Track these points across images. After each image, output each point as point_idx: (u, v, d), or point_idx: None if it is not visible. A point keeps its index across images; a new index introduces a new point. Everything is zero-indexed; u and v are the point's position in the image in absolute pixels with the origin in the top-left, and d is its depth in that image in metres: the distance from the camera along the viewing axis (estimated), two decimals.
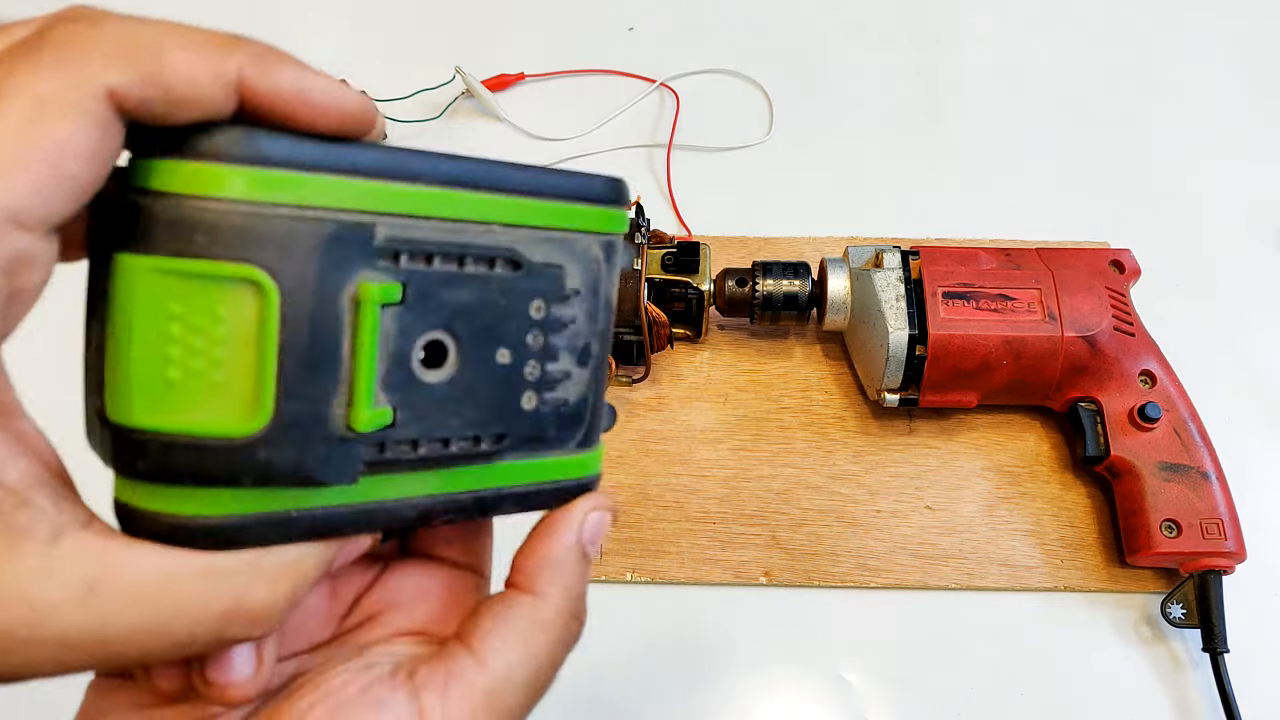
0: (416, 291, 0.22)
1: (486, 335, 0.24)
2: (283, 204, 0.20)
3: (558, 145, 0.71)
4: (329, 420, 0.21)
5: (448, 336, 0.23)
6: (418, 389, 0.22)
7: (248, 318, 0.20)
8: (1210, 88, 0.75)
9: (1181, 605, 0.51)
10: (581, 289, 0.26)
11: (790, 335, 0.62)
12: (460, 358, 0.23)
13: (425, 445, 0.23)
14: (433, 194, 0.23)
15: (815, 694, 0.51)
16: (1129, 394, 0.54)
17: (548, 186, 0.25)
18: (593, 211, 0.26)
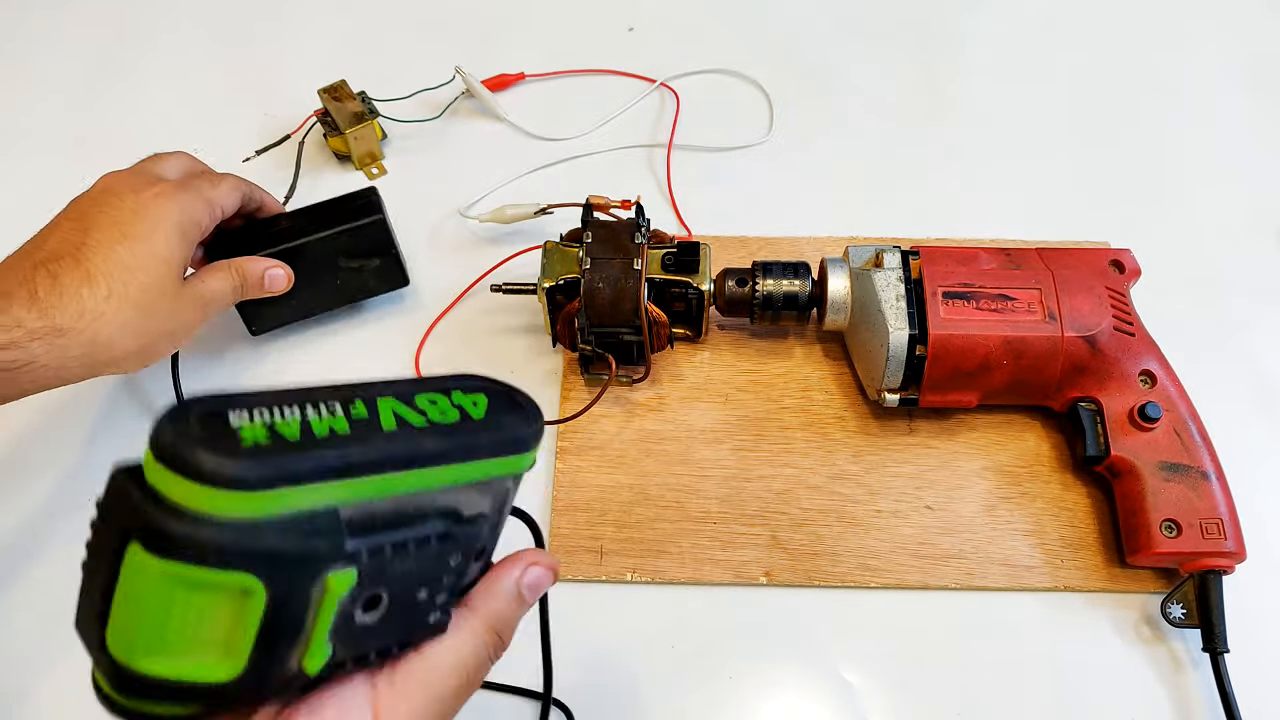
0: (369, 572, 0.27)
1: (413, 584, 0.29)
2: (276, 515, 0.24)
3: (558, 145, 0.71)
4: (286, 666, 0.26)
5: (384, 591, 0.28)
6: (353, 628, 0.28)
7: (238, 608, 0.24)
8: (1210, 88, 0.75)
9: (1181, 605, 0.51)
10: (490, 513, 0.31)
11: (790, 335, 0.62)
12: (388, 602, 0.28)
13: (350, 663, 0.29)
14: (387, 480, 0.27)
15: (815, 694, 0.51)
16: (1129, 394, 0.54)
17: (486, 447, 0.30)
18: (517, 459, 0.31)
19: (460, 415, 0.29)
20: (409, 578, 0.28)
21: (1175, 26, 0.78)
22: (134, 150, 0.71)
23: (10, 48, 0.77)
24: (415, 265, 0.64)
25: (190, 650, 0.25)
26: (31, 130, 0.73)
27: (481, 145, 0.71)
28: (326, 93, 0.68)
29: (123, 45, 0.77)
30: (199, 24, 0.79)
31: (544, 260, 0.56)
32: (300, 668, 0.27)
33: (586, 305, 0.54)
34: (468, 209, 0.66)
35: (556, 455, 0.57)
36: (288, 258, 0.56)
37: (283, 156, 0.69)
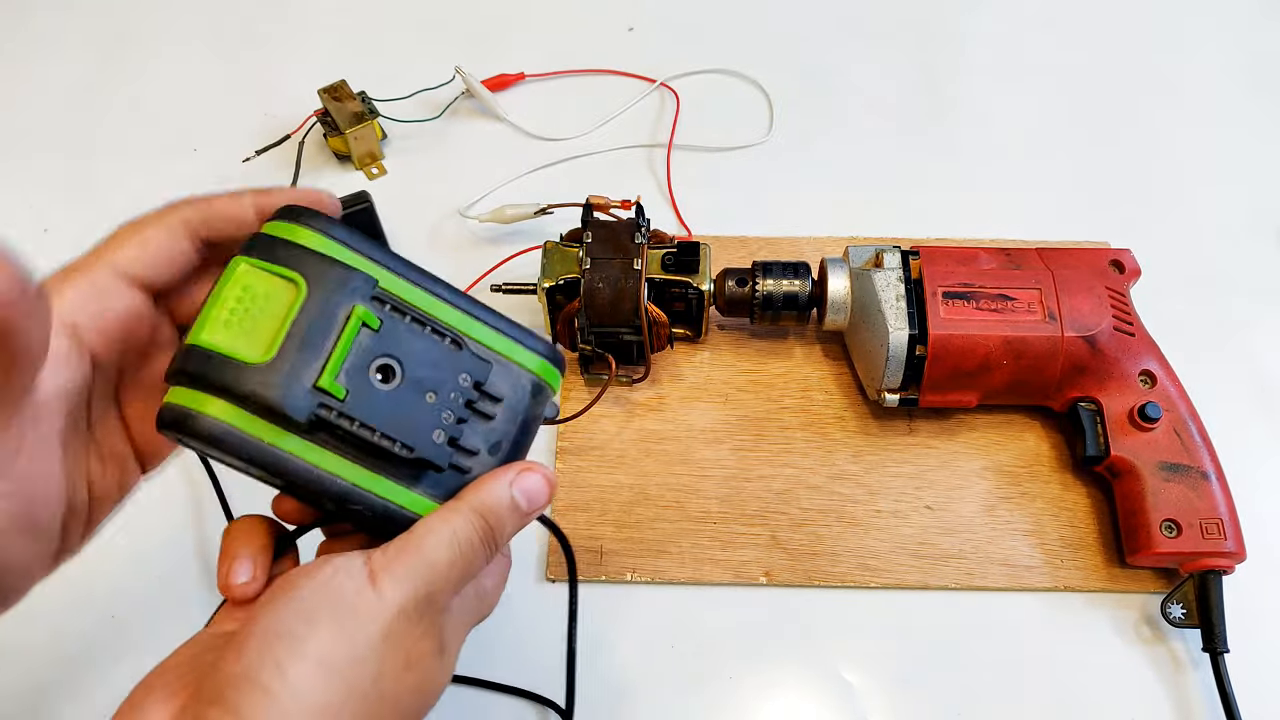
0: (387, 329, 0.33)
1: (423, 378, 0.33)
2: (330, 255, 0.33)
3: (558, 145, 0.71)
4: (304, 375, 0.31)
5: (397, 364, 0.33)
6: (366, 388, 0.32)
7: (283, 301, 0.32)
8: (1211, 88, 0.75)
9: (1181, 605, 0.51)
10: (505, 399, 0.35)
11: (790, 335, 0.62)
12: (401, 382, 0.33)
13: (359, 427, 0.32)
14: (420, 293, 0.34)
15: (815, 694, 0.51)
16: (1129, 394, 0.54)
17: (501, 325, 0.36)
18: (528, 354, 0.36)
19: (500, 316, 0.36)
20: (422, 363, 0.33)
21: (1175, 26, 0.78)
22: (135, 150, 0.72)
23: (11, 48, 0.77)
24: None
25: (240, 333, 0.31)
26: (32, 130, 0.73)
27: (481, 145, 0.71)
28: (326, 93, 0.68)
29: (123, 46, 0.77)
30: (199, 24, 0.79)
31: (544, 260, 0.56)
32: (318, 384, 0.31)
33: (586, 305, 0.54)
34: (468, 209, 0.66)
35: (556, 455, 0.57)
36: None
37: (283, 156, 0.69)
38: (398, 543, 0.32)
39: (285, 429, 0.31)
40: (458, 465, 0.34)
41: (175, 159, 0.71)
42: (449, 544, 0.32)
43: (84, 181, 0.70)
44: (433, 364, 0.34)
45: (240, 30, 0.78)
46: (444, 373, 0.34)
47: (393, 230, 0.65)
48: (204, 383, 0.31)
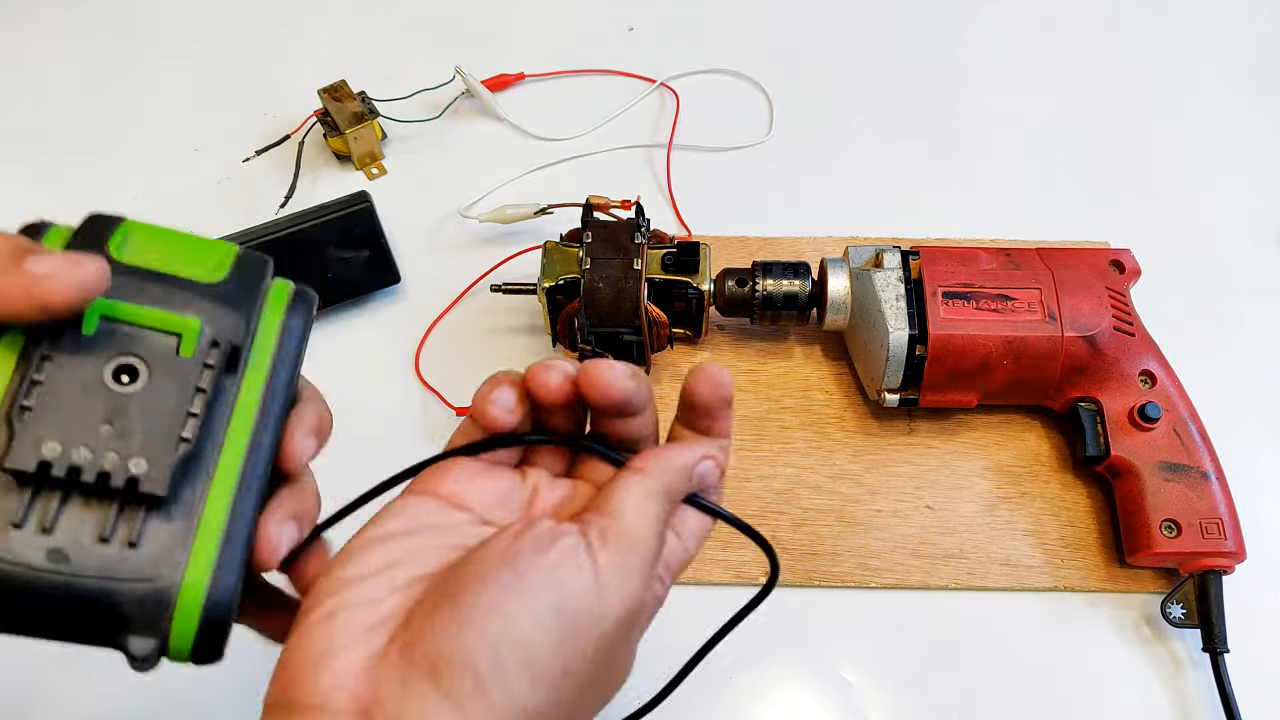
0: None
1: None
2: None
3: (558, 145, 0.71)
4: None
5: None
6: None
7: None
8: (1211, 87, 0.75)
9: (1181, 605, 0.51)
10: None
11: (790, 335, 0.62)
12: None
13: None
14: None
15: (815, 694, 0.51)
16: (1129, 394, 0.54)
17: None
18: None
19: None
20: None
21: (1175, 26, 0.78)
22: (135, 150, 0.72)
23: (11, 48, 0.77)
24: (415, 265, 0.65)
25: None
26: (32, 130, 0.73)
27: (481, 145, 0.71)
28: (326, 93, 0.68)
29: (123, 46, 0.77)
30: (199, 24, 0.79)
31: (544, 260, 0.56)
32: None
33: (586, 305, 0.54)
34: (468, 209, 0.66)
35: None
36: (277, 249, 0.56)
37: (283, 156, 0.69)
38: (615, 528, 0.30)
39: None
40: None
41: (175, 159, 0.71)
42: (656, 533, 0.31)
43: (84, 181, 0.70)
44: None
45: (240, 30, 0.78)
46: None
47: (393, 230, 0.65)
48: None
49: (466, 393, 0.58)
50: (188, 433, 0.27)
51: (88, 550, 0.26)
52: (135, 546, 0.26)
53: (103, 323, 0.27)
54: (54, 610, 0.26)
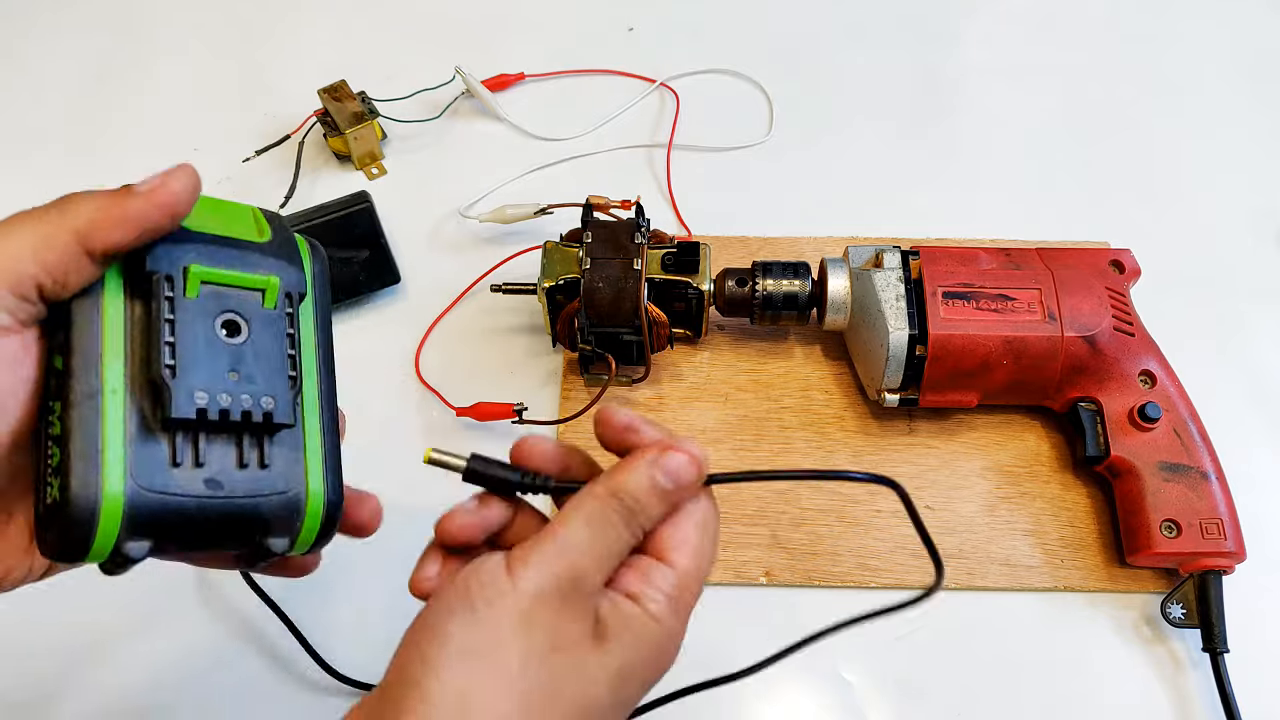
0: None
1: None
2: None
3: (558, 145, 0.71)
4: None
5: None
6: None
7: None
8: (1211, 88, 0.75)
9: (1181, 605, 0.51)
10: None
11: (790, 335, 0.62)
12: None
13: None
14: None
15: (815, 694, 0.51)
16: (1129, 394, 0.54)
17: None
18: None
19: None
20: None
21: (1175, 26, 0.78)
22: (135, 150, 0.72)
23: (11, 47, 0.77)
24: (415, 265, 0.65)
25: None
26: (32, 130, 0.73)
27: (481, 145, 0.71)
28: (326, 93, 0.68)
29: (123, 46, 0.77)
30: (199, 24, 0.79)
31: (544, 260, 0.56)
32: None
33: (586, 305, 0.54)
34: (468, 209, 0.66)
35: None
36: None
37: (283, 156, 0.69)
38: (536, 535, 0.32)
39: None
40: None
41: (175, 158, 0.70)
42: (583, 526, 0.32)
43: (84, 181, 0.69)
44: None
45: (240, 29, 0.78)
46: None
47: (393, 230, 0.65)
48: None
49: (466, 393, 0.59)
50: (292, 370, 0.34)
51: (234, 476, 0.32)
52: (267, 468, 0.32)
53: (204, 287, 0.32)
54: (215, 527, 0.31)
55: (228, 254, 0.33)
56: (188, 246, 0.32)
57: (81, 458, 0.29)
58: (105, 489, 0.29)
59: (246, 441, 0.32)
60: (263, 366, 0.33)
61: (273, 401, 0.32)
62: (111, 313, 0.31)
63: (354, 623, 0.53)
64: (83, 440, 0.29)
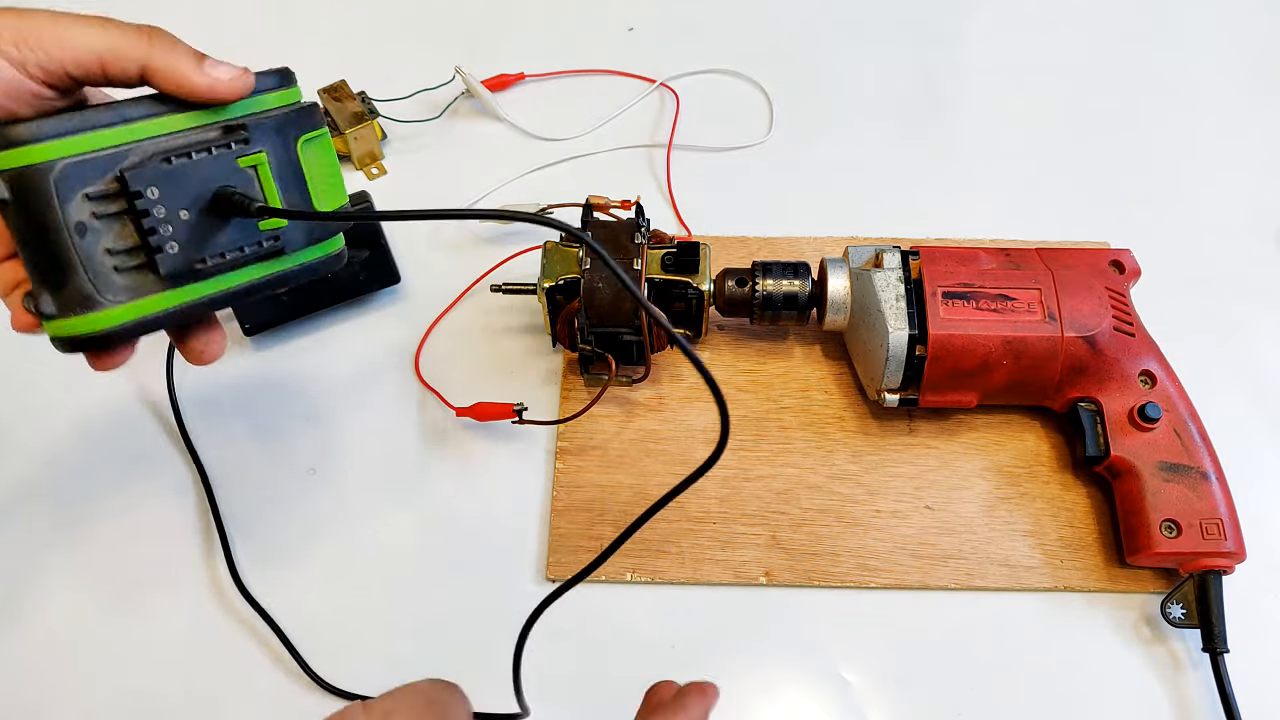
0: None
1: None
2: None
3: (558, 145, 0.71)
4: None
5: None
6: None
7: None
8: (1210, 88, 0.75)
9: (1181, 605, 0.51)
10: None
11: (790, 335, 0.62)
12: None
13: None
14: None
15: (815, 694, 0.51)
16: (1129, 394, 0.54)
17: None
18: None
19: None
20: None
21: (1175, 26, 0.78)
22: None
23: None
24: (415, 265, 0.65)
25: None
26: None
27: (481, 145, 0.71)
28: (326, 93, 0.68)
29: None
30: (199, 24, 0.78)
31: (544, 260, 0.56)
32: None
33: (586, 305, 0.54)
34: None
35: (556, 455, 0.57)
36: None
37: None
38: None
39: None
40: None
41: None
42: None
43: None
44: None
45: (240, 29, 0.78)
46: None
47: (393, 230, 0.65)
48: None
49: (466, 393, 0.59)
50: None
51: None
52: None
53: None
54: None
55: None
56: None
57: None
58: None
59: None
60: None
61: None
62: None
63: (338, 627, 0.53)
64: None
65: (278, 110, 0.40)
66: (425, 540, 0.56)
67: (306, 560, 0.55)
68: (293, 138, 0.41)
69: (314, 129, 0.42)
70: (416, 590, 0.54)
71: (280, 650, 0.52)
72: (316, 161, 0.42)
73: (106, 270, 0.36)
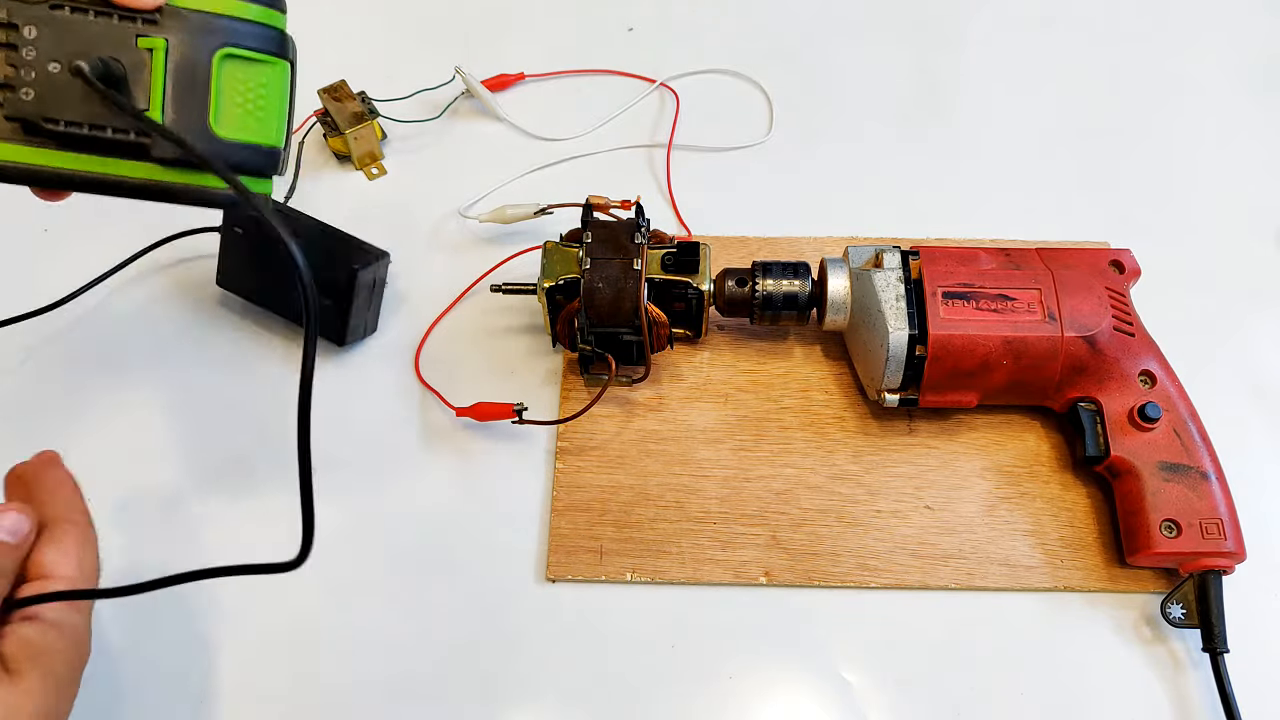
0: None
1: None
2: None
3: (558, 145, 0.71)
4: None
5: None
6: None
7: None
8: (1211, 87, 0.75)
9: (1181, 605, 0.51)
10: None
11: (790, 335, 0.62)
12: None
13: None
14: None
15: (815, 694, 0.51)
16: (1129, 394, 0.54)
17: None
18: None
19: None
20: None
21: (1175, 26, 0.78)
22: None
23: None
24: (415, 265, 0.65)
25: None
26: None
27: (481, 145, 0.71)
28: (326, 93, 0.68)
29: None
30: None
31: (544, 260, 0.56)
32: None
33: (586, 305, 0.54)
34: (468, 209, 0.66)
35: (556, 455, 0.57)
36: (268, 246, 0.57)
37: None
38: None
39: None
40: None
41: None
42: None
43: None
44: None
45: None
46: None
47: (393, 230, 0.65)
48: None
49: (466, 393, 0.59)
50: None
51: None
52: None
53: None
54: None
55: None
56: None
57: None
58: None
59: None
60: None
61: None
62: None
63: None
64: None
65: (215, 14, 0.37)
66: (425, 540, 0.56)
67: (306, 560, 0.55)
68: (214, 46, 0.37)
69: (256, 51, 0.38)
70: (416, 590, 0.54)
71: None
72: (241, 86, 0.38)
73: None
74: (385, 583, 0.54)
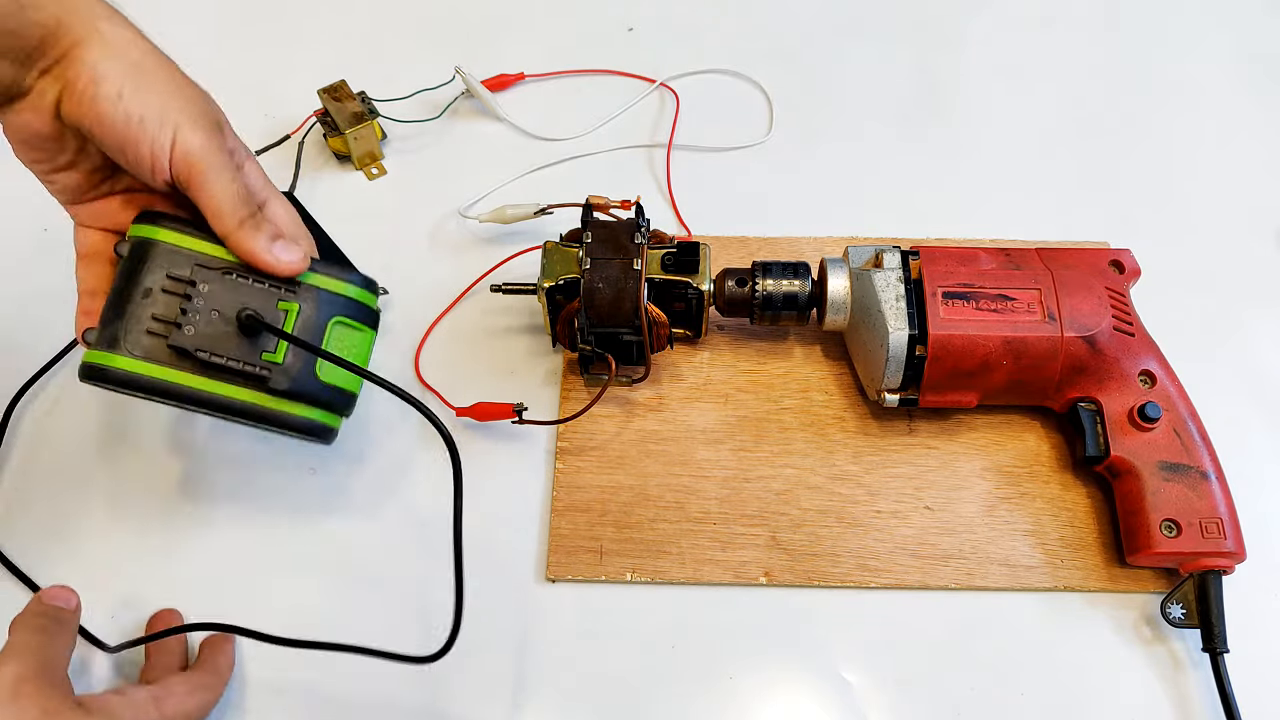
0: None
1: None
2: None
3: (558, 145, 0.71)
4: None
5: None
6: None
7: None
8: (1210, 88, 0.75)
9: (1181, 605, 0.51)
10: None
11: (790, 335, 0.62)
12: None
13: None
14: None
15: (815, 694, 0.51)
16: (1129, 394, 0.54)
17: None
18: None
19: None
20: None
21: (1175, 26, 0.78)
22: None
23: None
24: (415, 266, 0.65)
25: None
26: None
27: (481, 145, 0.71)
28: (326, 93, 0.68)
29: None
30: (198, 24, 0.79)
31: (544, 260, 0.56)
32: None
33: (586, 305, 0.54)
34: (468, 209, 0.66)
35: (556, 455, 0.57)
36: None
37: (283, 156, 0.69)
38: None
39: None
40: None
41: None
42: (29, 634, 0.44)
43: None
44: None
45: (240, 30, 0.78)
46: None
47: (393, 230, 0.65)
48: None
49: (466, 393, 0.59)
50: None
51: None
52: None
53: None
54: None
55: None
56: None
57: None
58: None
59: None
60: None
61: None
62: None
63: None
64: None
65: (336, 293, 0.48)
66: (425, 540, 0.56)
67: (306, 560, 0.55)
68: (330, 315, 0.47)
69: (356, 321, 0.48)
70: (416, 589, 0.54)
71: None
72: (341, 345, 0.48)
73: (140, 327, 0.44)
74: (385, 582, 0.54)
